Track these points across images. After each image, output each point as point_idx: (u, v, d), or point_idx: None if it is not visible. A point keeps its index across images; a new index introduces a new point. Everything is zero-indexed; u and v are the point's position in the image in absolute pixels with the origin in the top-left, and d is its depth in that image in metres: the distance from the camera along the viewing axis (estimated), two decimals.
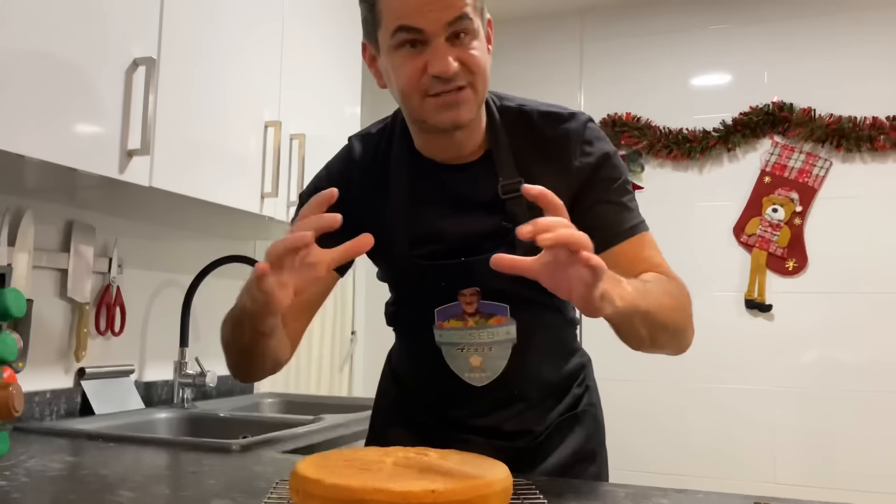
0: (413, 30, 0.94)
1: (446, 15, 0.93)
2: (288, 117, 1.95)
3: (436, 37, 0.94)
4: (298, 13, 2.03)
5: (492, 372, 1.10)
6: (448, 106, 0.97)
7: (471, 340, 1.09)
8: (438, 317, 1.10)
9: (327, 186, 1.05)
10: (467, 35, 0.96)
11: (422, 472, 0.80)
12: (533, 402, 1.14)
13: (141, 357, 1.99)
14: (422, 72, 0.96)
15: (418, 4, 0.93)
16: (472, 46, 0.96)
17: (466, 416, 1.13)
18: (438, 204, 1.09)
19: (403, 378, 1.25)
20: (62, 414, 1.71)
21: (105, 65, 1.40)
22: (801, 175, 2.89)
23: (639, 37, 3.18)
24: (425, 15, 0.93)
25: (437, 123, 1.00)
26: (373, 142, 1.15)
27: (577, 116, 1.10)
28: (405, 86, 0.98)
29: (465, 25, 0.95)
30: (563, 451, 1.14)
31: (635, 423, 3.01)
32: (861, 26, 2.87)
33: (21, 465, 1.15)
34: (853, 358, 2.77)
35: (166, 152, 1.53)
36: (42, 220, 1.69)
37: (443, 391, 1.14)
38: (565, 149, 1.06)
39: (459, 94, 0.97)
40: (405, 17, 0.94)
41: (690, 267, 2.94)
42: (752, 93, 2.98)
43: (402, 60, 0.97)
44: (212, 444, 1.36)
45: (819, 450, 2.78)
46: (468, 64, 0.96)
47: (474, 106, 1.00)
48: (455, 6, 0.93)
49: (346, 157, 1.16)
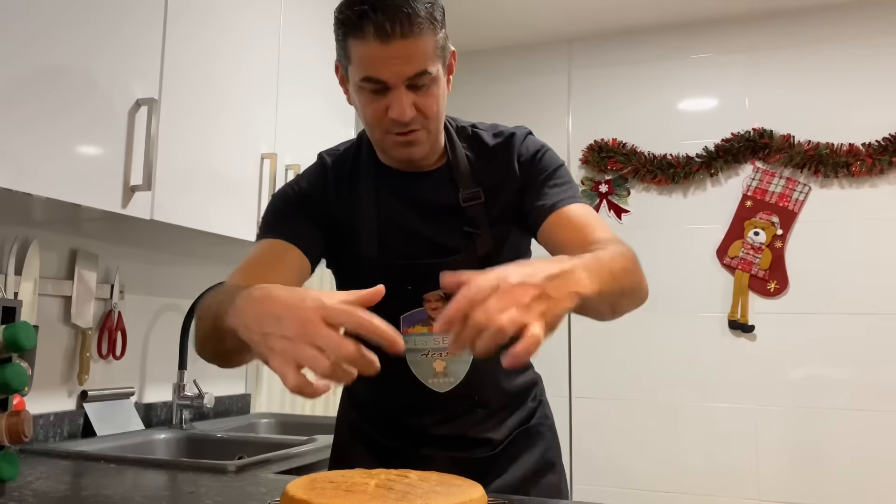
0: (377, 81, 1.03)
1: (407, 70, 1.03)
2: (283, 149, 2.03)
3: (397, 88, 1.04)
4: (292, 51, 2.12)
5: (454, 377, 1.17)
6: (404, 144, 1.09)
7: (436, 345, 1.17)
8: (404, 323, 1.17)
9: (300, 191, 1.19)
10: (425, 85, 1.06)
11: (403, 493, 0.87)
12: (492, 409, 1.21)
13: (141, 379, 2.06)
14: (383, 113, 1.06)
15: (382, 59, 1.01)
16: (429, 94, 1.07)
17: (429, 424, 1.20)
18: (404, 208, 1.18)
19: (362, 399, 1.30)
20: (65, 436, 1.77)
21: (109, 105, 1.48)
22: (781, 199, 2.98)
23: (624, 65, 3.27)
24: (389, 68, 1.02)
25: (394, 156, 1.13)
26: (342, 155, 1.24)
27: (518, 129, 1.23)
28: (369, 121, 1.09)
29: (423, 79, 1.05)
30: (524, 463, 1.22)
31: (622, 441, 3.07)
32: (838, 58, 2.97)
33: (28, 487, 1.21)
34: (834, 376, 2.85)
35: (167, 187, 1.61)
36: (47, 249, 1.77)
37: (406, 400, 1.20)
38: (509, 155, 1.19)
39: (414, 135, 1.08)
40: (370, 69, 1.03)
41: (675, 288, 3.04)
42: (734, 120, 3.07)
43: (367, 100, 1.07)
44: (208, 465, 1.43)
45: (802, 466, 2.84)
46: (423, 110, 1.07)
47: (427, 144, 1.12)
48: (415, 63, 1.03)
49: (319, 167, 1.24)
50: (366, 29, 1.00)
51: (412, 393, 1.19)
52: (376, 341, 0.78)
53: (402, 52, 1.01)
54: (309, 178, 1.23)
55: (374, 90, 1.05)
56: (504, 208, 1.18)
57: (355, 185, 1.20)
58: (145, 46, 1.57)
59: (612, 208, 3.19)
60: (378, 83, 1.03)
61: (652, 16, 3.13)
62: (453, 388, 1.18)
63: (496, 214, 1.18)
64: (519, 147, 1.20)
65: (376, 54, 1.01)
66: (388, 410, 1.25)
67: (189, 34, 1.69)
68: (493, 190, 1.18)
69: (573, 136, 3.30)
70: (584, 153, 3.25)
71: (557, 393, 3.12)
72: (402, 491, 0.88)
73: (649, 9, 3.07)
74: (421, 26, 1.01)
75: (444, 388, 1.18)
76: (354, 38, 1.02)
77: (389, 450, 1.22)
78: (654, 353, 3.05)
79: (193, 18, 1.71)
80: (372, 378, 1.24)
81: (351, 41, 1.03)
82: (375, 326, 0.75)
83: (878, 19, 2.93)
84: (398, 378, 1.19)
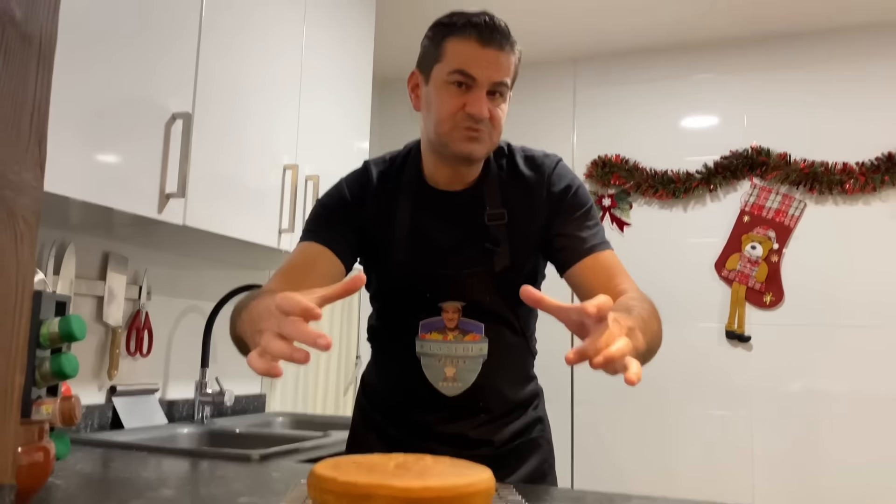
0: (468, 76, 1.17)
1: (496, 75, 1.17)
2: (304, 160, 2.15)
3: (480, 88, 1.17)
4: (313, 69, 2.23)
5: (463, 383, 1.27)
6: (471, 139, 1.19)
7: (448, 353, 1.27)
8: (422, 329, 1.28)
9: (342, 200, 1.30)
10: (500, 96, 1.20)
11: (419, 472, 0.97)
12: (495, 415, 1.31)
13: (165, 377, 2.16)
14: (459, 108, 1.18)
15: (478, 59, 1.16)
16: (500, 105, 1.20)
17: (434, 422, 1.29)
18: (434, 222, 1.27)
19: (377, 392, 1.40)
20: (95, 427, 1.88)
21: (147, 119, 1.59)
22: (777, 215, 3.08)
23: (628, 84, 3.38)
24: (481, 68, 1.16)
25: (457, 150, 1.20)
26: (386, 167, 1.33)
27: (550, 158, 1.32)
28: (444, 114, 1.19)
29: (502, 88, 1.19)
30: (521, 471, 1.31)
31: (621, 446, 3.16)
32: (832, 80, 3.07)
33: (72, 469, 1.31)
34: (828, 386, 2.93)
35: (198, 194, 1.72)
36: (82, 251, 1.88)
37: (416, 398, 1.30)
38: (539, 185, 1.28)
39: (480, 133, 1.19)
40: (465, 64, 1.17)
41: (674, 299, 3.14)
42: (733, 138, 3.17)
43: (448, 95, 1.18)
44: (234, 454, 1.52)
45: (797, 475, 2.91)
46: (493, 117, 1.19)
47: (486, 146, 1.22)
48: (502, 72, 1.18)
49: (363, 176, 1.32)
50: (469, 31, 1.16)
51: (422, 392, 1.28)
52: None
53: (495, 59, 1.16)
54: (352, 187, 1.31)
55: (459, 85, 1.17)
56: (527, 233, 1.27)
57: (394, 199, 1.29)
58: (181, 66, 1.68)
59: (615, 221, 3.30)
60: (466, 78, 1.16)
61: (655, 37, 3.24)
62: (461, 393, 1.27)
63: (518, 237, 1.27)
64: (548, 176, 1.28)
65: (474, 53, 1.16)
66: (398, 404, 1.34)
67: (220, 55, 1.81)
68: (518, 213, 1.27)
69: (578, 152, 3.41)
70: (589, 168, 3.35)
71: (559, 398, 3.21)
72: (419, 471, 0.98)
73: (652, 30, 3.18)
74: (512, 47, 1.19)
75: (452, 392, 1.27)
76: (455, 37, 1.17)
77: (397, 440, 1.31)
78: (654, 361, 3.11)
79: (224, 40, 1.83)
80: (388, 374, 1.36)
81: (450, 39, 1.18)
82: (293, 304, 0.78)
83: (872, 43, 3.03)
84: (411, 378, 1.29)
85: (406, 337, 1.29)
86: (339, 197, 1.31)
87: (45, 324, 1.20)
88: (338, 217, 1.28)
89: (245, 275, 2.44)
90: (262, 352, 0.78)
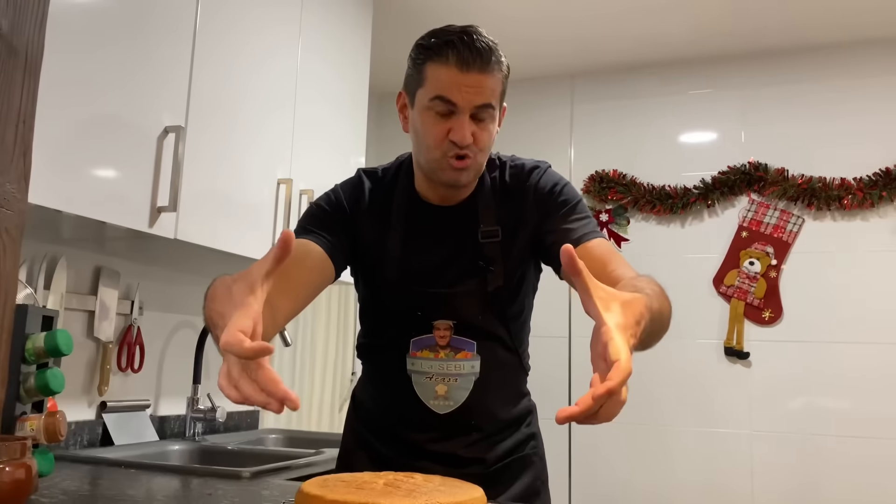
0: (448, 102, 1.15)
1: (476, 99, 1.15)
2: (298, 175, 2.14)
3: (463, 113, 1.15)
4: (308, 85, 2.24)
5: (454, 401, 1.25)
6: (458, 169, 1.18)
7: (439, 371, 1.25)
8: (413, 346, 1.26)
9: (336, 203, 1.28)
10: (485, 119, 1.17)
11: (408, 491, 0.96)
12: (486, 433, 1.29)
13: (157, 392, 2.14)
14: (444, 135, 1.16)
15: (458, 84, 1.14)
16: (485, 128, 1.18)
17: (425, 440, 1.27)
18: (427, 238, 1.26)
19: (368, 410, 1.38)
20: (85, 444, 1.86)
21: (139, 132, 1.58)
22: (775, 230, 3.07)
23: (625, 100, 3.38)
24: (462, 94, 1.14)
25: (443, 179, 1.20)
26: (379, 178, 1.32)
27: (539, 164, 1.31)
28: (430, 141, 1.18)
29: (486, 112, 1.17)
30: (514, 489, 1.29)
31: (620, 463, 3.13)
32: (830, 96, 3.07)
33: (57, 486, 1.29)
34: (827, 402, 2.91)
35: (190, 208, 1.71)
36: (74, 266, 1.86)
37: (407, 416, 1.28)
38: (523, 192, 1.27)
39: (466, 162, 1.17)
40: (445, 91, 1.14)
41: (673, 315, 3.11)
42: (730, 153, 3.17)
43: (432, 122, 1.17)
44: (224, 471, 1.51)
45: (796, 491, 2.89)
46: (478, 140, 1.17)
47: (473, 172, 1.21)
48: (484, 95, 1.15)
49: (357, 184, 1.31)
50: (449, 55, 1.13)
51: (413, 410, 1.27)
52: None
53: (476, 84, 1.14)
54: (346, 192, 1.30)
55: (441, 112, 1.16)
56: (521, 247, 1.26)
57: (388, 210, 1.28)
58: (173, 79, 1.68)
59: (612, 237, 3.29)
60: (447, 104, 1.15)
61: (652, 53, 3.25)
62: (452, 411, 1.25)
63: (511, 253, 1.26)
64: (535, 183, 1.27)
65: (453, 79, 1.13)
66: (389, 424, 1.32)
67: (213, 68, 1.81)
68: (511, 228, 1.26)
69: (575, 167, 3.40)
70: (586, 183, 3.35)
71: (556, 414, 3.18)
72: (408, 489, 0.96)
73: (650, 46, 3.19)
74: (495, 67, 1.15)
75: (443, 409, 1.26)
76: (434, 62, 1.15)
77: (388, 459, 1.29)
78: (653, 377, 3.12)
79: (217, 54, 1.83)
80: (379, 393, 1.34)
81: (430, 64, 1.16)
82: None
83: (869, 59, 3.04)
84: (402, 395, 1.27)
85: (396, 354, 1.28)
86: (335, 203, 1.29)
87: (30, 338, 1.18)
88: (333, 221, 1.26)
89: None
90: (235, 387, 0.75)
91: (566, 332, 3.27)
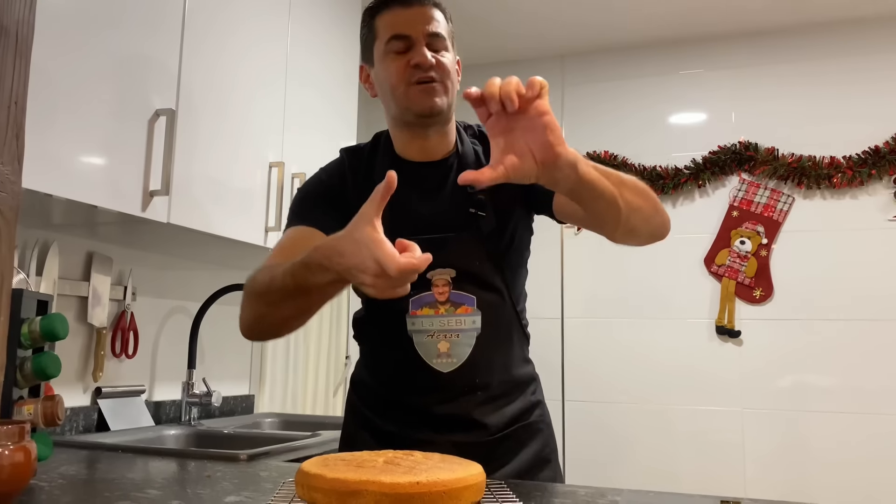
0: (403, 37, 1.22)
1: (426, 27, 1.23)
2: (290, 158, 2.13)
3: (419, 43, 1.22)
4: (299, 67, 2.22)
5: (457, 358, 1.25)
6: (427, 92, 1.21)
7: (441, 327, 1.25)
8: (412, 305, 1.26)
9: (321, 182, 1.33)
10: (440, 49, 1.24)
11: (409, 468, 0.96)
12: (492, 393, 1.28)
13: (151, 378, 2.14)
14: (406, 66, 1.22)
15: (405, 18, 1.23)
16: (443, 55, 1.24)
17: (430, 403, 1.27)
18: (414, 193, 1.27)
19: (368, 387, 1.38)
20: (80, 429, 1.86)
21: (130, 116, 1.57)
22: (766, 209, 3.09)
23: (616, 80, 3.39)
24: (412, 25, 1.22)
25: (418, 109, 1.22)
26: (360, 150, 1.36)
27: None
28: (394, 78, 1.23)
29: (439, 40, 1.24)
30: (522, 457, 1.29)
31: (613, 442, 3.16)
32: (820, 75, 3.09)
33: (55, 470, 1.29)
34: (817, 379, 2.95)
35: (183, 192, 1.70)
36: (66, 251, 1.85)
37: (410, 380, 1.29)
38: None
39: (434, 85, 1.22)
40: (395, 28, 1.23)
41: (664, 295, 3.14)
42: (721, 133, 3.19)
43: (393, 60, 1.23)
44: (221, 454, 1.51)
45: (787, 467, 2.93)
46: (440, 63, 1.23)
47: (445, 99, 1.24)
48: (434, 23, 1.24)
49: (339, 161, 1.36)
50: (390, 2, 1.24)
51: (417, 373, 1.26)
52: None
53: (421, 14, 1.23)
54: (329, 170, 1.35)
55: (398, 50, 1.22)
56: (510, 195, 1.27)
57: (370, 175, 1.30)
58: (164, 61, 1.67)
59: None
60: (402, 39, 1.22)
61: (642, 33, 3.25)
62: (456, 369, 1.25)
63: (501, 199, 1.27)
64: None
65: (400, 16, 1.23)
66: (392, 391, 1.32)
67: (203, 50, 1.79)
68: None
69: None
70: None
71: (551, 396, 3.17)
72: (408, 466, 0.97)
73: (640, 26, 3.19)
74: (436, 5, 1.25)
75: (447, 368, 1.25)
76: (381, 13, 1.25)
77: (390, 434, 1.29)
78: (645, 357, 3.14)
79: (207, 36, 1.81)
80: (380, 358, 1.34)
81: (378, 18, 1.25)
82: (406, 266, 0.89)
83: (859, 37, 3.05)
84: (405, 358, 1.27)
85: (396, 318, 1.27)
86: (318, 182, 1.34)
87: (26, 323, 1.18)
88: (322, 200, 1.30)
89: (231, 275, 2.42)
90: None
91: (559, 314, 3.29)
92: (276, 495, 1.04)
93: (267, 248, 2.04)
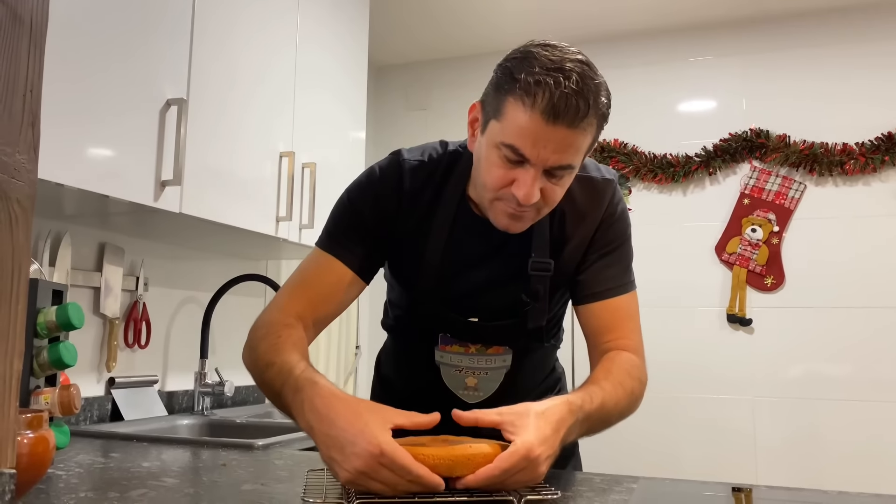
0: (521, 155, 0.96)
1: (554, 159, 0.95)
2: (300, 148, 2.13)
3: (534, 169, 0.96)
4: (308, 56, 2.21)
5: (484, 392, 1.23)
6: (513, 219, 1.02)
7: (470, 364, 1.21)
8: (442, 341, 1.21)
9: (374, 205, 1.13)
10: (561, 177, 1.00)
11: (453, 443, 0.94)
12: None
13: (164, 368, 2.15)
14: (506, 184, 0.98)
15: (536, 137, 0.93)
16: (560, 184, 1.00)
17: (454, 426, 1.26)
18: (474, 251, 1.14)
19: (392, 385, 1.35)
20: (95, 419, 1.86)
21: (142, 105, 1.57)
22: (777, 197, 3.07)
23: (625, 68, 3.36)
24: (538, 150, 0.94)
25: (495, 223, 1.05)
26: (425, 171, 1.14)
27: (608, 181, 1.17)
28: (487, 184, 1.01)
29: (562, 172, 0.99)
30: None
31: (623, 430, 3.15)
32: (831, 61, 3.06)
33: (72, 459, 1.30)
34: (829, 367, 2.93)
35: (194, 182, 1.70)
36: (78, 242, 1.86)
37: (435, 404, 1.24)
38: (596, 216, 1.14)
39: (524, 213, 1.01)
40: (519, 140, 0.94)
41: (675, 284, 3.13)
42: (732, 120, 3.16)
43: (498, 165, 0.98)
44: (236, 443, 1.52)
45: (798, 456, 2.92)
46: (547, 196, 1.00)
47: (530, 223, 1.06)
48: (566, 155, 0.95)
49: (396, 174, 1.14)
50: (537, 98, 0.92)
51: (442, 399, 1.22)
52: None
53: (559, 140, 0.94)
54: (383, 187, 1.14)
55: (510, 159, 0.97)
56: (569, 273, 1.17)
57: (433, 209, 1.14)
58: (175, 51, 1.66)
59: None
60: (518, 156, 0.96)
61: (653, 20, 3.22)
62: (482, 401, 1.22)
63: (559, 287, 1.18)
64: (608, 207, 1.14)
65: (534, 130, 0.93)
66: (415, 401, 1.30)
67: (214, 40, 1.79)
68: (565, 256, 1.15)
69: None
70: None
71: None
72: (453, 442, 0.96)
73: (651, 14, 3.16)
74: (590, 123, 0.95)
75: (473, 399, 1.22)
76: (517, 99, 0.94)
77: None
78: (656, 345, 3.10)
79: (218, 26, 1.81)
80: (405, 375, 1.32)
81: (511, 99, 0.94)
82: (418, 476, 0.82)
83: (871, 23, 3.02)
84: (430, 383, 1.23)
85: (425, 346, 1.23)
86: (368, 199, 1.14)
87: (41, 312, 1.18)
88: (364, 224, 1.14)
89: (243, 265, 2.42)
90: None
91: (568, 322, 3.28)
92: (307, 484, 1.01)
93: (278, 238, 2.03)
